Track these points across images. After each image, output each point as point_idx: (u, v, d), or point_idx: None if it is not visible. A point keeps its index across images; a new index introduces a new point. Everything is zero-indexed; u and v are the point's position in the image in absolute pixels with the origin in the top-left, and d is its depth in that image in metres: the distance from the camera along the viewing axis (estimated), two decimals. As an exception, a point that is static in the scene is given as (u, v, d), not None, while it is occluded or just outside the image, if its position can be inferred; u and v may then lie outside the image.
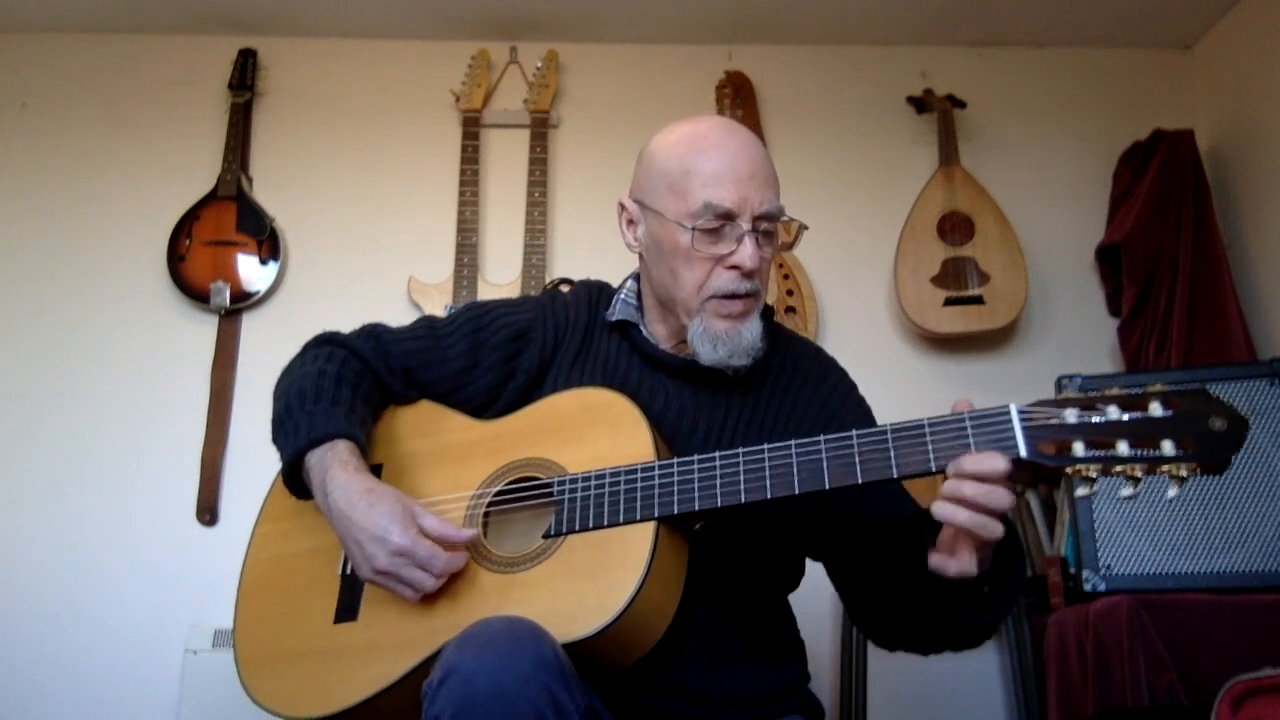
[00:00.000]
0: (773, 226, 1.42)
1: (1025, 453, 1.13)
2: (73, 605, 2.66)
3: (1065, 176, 3.06)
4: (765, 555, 1.44)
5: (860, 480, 1.20)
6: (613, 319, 1.52)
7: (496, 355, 1.51)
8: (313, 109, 3.07)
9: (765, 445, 1.26)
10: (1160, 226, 2.80)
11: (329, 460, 1.35)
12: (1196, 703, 1.87)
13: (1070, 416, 1.12)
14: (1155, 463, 1.09)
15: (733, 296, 1.39)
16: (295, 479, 1.40)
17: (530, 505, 1.37)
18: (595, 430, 1.36)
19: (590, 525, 1.29)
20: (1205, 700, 1.77)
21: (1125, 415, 1.11)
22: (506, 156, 3.01)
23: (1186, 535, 2.11)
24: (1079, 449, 1.11)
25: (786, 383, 1.49)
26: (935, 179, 2.94)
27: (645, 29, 3.09)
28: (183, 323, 2.87)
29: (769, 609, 1.46)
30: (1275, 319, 2.73)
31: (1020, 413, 1.14)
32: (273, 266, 2.88)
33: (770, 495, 1.23)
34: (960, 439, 1.16)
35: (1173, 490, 1.10)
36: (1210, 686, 1.77)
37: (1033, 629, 2.42)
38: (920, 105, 3.04)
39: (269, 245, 2.88)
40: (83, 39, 3.07)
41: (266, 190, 2.97)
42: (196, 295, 2.83)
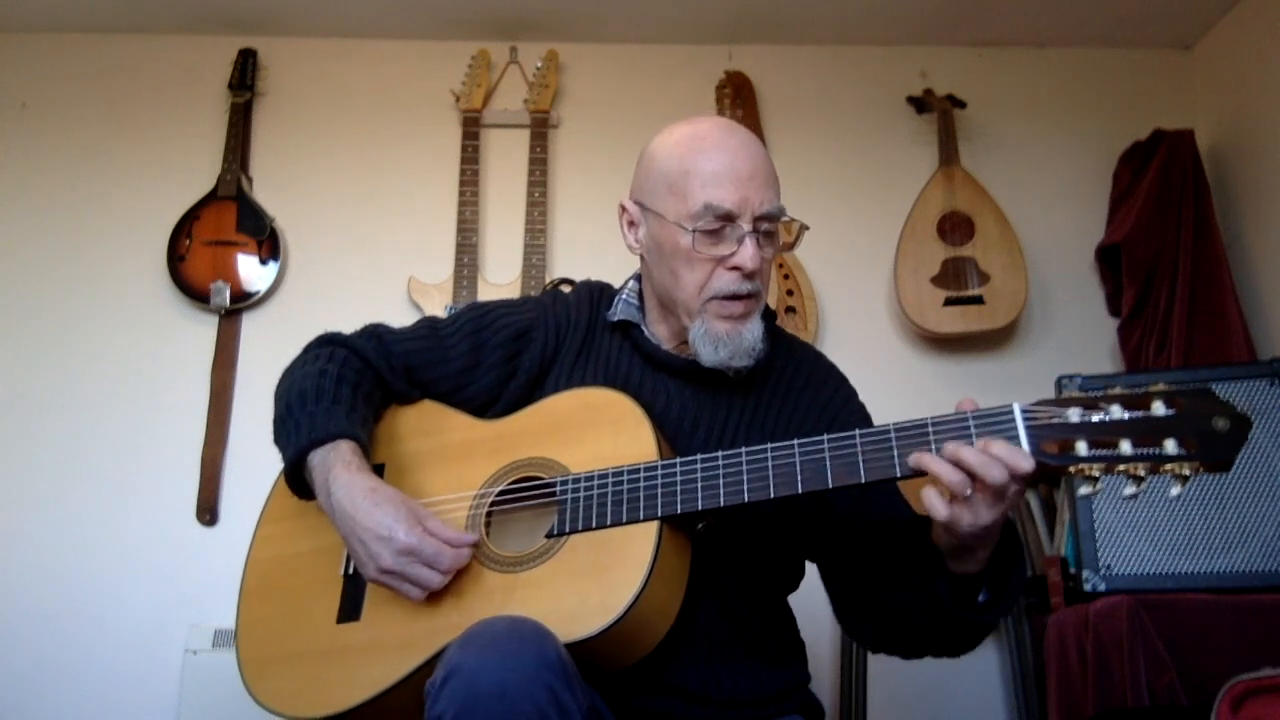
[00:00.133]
0: (773, 227, 1.42)
1: (1029, 452, 1.12)
2: (73, 605, 2.65)
3: (1065, 176, 3.06)
4: (767, 555, 1.44)
5: (864, 479, 1.20)
6: (614, 319, 1.52)
7: (498, 355, 1.51)
8: (313, 109, 3.07)
9: (768, 445, 1.25)
10: (1160, 226, 2.80)
11: (331, 460, 1.35)
12: (1196, 703, 1.87)
13: (1073, 416, 1.12)
14: (1158, 462, 1.09)
15: (734, 297, 1.39)
16: (297, 479, 1.40)
17: (533, 505, 1.37)
18: (597, 430, 1.36)
19: (593, 525, 1.28)
20: (1205, 700, 1.77)
21: (1128, 414, 1.10)
22: (506, 156, 3.01)
23: (1186, 535, 2.11)
24: (1082, 448, 1.11)
25: (788, 385, 1.49)
26: (935, 179, 2.94)
27: (645, 29, 3.09)
28: (183, 323, 2.87)
29: (770, 609, 1.47)
30: (1275, 319, 2.73)
31: (1024, 412, 1.14)
32: (273, 266, 2.88)
33: (773, 495, 1.23)
34: (964, 439, 1.15)
35: (1175, 489, 1.10)
36: (1210, 686, 1.77)
37: (1033, 629, 2.42)
38: (920, 105, 3.04)
39: (269, 245, 2.88)
40: (83, 39, 3.07)
41: (266, 190, 2.97)
42: (196, 295, 2.83)
